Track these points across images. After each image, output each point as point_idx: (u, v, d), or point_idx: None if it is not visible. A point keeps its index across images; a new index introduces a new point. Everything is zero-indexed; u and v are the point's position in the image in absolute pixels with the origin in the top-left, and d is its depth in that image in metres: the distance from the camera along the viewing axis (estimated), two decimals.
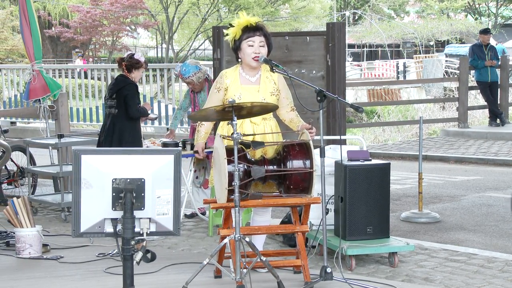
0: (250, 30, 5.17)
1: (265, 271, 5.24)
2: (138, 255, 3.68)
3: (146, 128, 13.57)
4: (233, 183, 4.68)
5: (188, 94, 7.77)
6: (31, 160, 8.35)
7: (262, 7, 33.79)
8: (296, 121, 5.29)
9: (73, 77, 16.28)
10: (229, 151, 4.78)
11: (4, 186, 8.68)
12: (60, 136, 7.67)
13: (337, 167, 5.89)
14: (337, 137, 6.70)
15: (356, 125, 16.98)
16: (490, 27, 26.45)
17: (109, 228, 3.70)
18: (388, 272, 5.60)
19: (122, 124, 7.08)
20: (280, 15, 37.57)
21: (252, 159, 5.00)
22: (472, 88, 15.41)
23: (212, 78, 7.57)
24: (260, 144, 4.85)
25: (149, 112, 7.43)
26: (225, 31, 5.35)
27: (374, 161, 6.07)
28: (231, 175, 4.74)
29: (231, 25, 5.26)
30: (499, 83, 14.55)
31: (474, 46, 14.59)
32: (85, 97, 16.22)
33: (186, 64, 7.54)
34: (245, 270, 4.66)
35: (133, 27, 36.73)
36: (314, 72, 7.67)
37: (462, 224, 7.54)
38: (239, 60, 5.27)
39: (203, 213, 7.64)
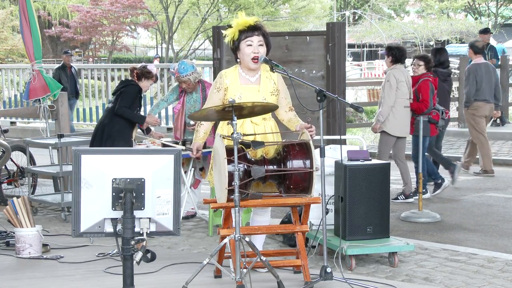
0: (248, 30, 5.17)
1: (265, 271, 5.24)
2: (138, 255, 3.68)
3: None
4: (233, 183, 4.68)
5: (177, 91, 7.73)
6: (31, 160, 8.35)
7: (262, 7, 33.76)
8: (295, 121, 5.29)
9: None
10: (229, 151, 4.78)
11: (4, 186, 8.68)
12: (60, 136, 7.67)
13: (337, 167, 5.89)
14: (337, 137, 6.70)
15: (356, 125, 16.96)
16: (490, 27, 26.42)
17: (109, 228, 3.70)
18: (388, 272, 5.60)
19: (111, 118, 7.24)
20: (280, 15, 37.54)
21: (252, 159, 5.00)
22: None
23: (209, 78, 7.55)
24: (260, 144, 4.85)
25: (151, 127, 7.49)
26: (223, 32, 5.35)
27: (374, 161, 6.07)
28: (231, 175, 4.74)
29: (229, 26, 5.26)
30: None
31: None
32: (85, 97, 16.23)
33: (184, 63, 7.50)
34: (245, 270, 4.66)
35: (133, 27, 36.67)
36: (314, 72, 7.67)
37: (462, 224, 7.54)
38: (238, 60, 5.27)
39: (193, 215, 7.65)
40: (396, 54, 8.49)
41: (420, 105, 8.41)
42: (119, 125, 7.19)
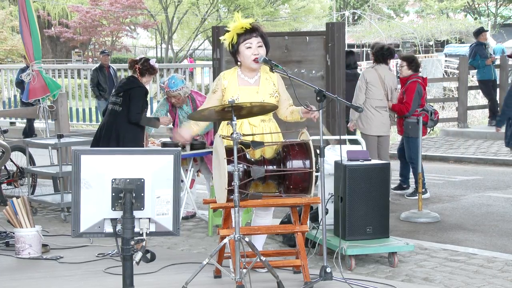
0: (246, 32, 5.16)
1: (265, 271, 5.24)
2: (138, 255, 3.68)
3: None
4: (232, 183, 4.68)
5: (166, 105, 7.71)
6: (31, 160, 8.35)
7: (262, 7, 33.74)
8: (296, 110, 5.26)
9: (72, 77, 16.29)
10: (229, 151, 4.77)
11: (4, 186, 8.68)
12: (60, 136, 7.67)
13: (337, 167, 5.89)
14: (337, 137, 6.70)
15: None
16: (489, 27, 26.44)
17: (108, 228, 3.70)
18: (388, 272, 5.60)
19: (123, 124, 7.11)
20: (279, 15, 37.51)
21: (252, 159, 5.00)
22: (471, 88, 15.41)
23: (209, 78, 7.55)
24: (260, 144, 4.84)
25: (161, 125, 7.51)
26: (221, 38, 5.34)
27: (374, 161, 6.07)
28: (231, 175, 4.74)
29: (226, 30, 5.25)
30: (498, 82, 14.56)
31: (477, 46, 14.48)
32: (85, 97, 16.23)
33: (174, 77, 7.50)
34: (244, 270, 4.66)
35: (132, 27, 36.66)
36: (313, 72, 7.67)
37: (462, 224, 7.54)
38: (238, 63, 5.26)
39: (193, 215, 7.65)
40: (377, 54, 8.52)
41: (402, 107, 8.49)
42: (132, 134, 7.12)
